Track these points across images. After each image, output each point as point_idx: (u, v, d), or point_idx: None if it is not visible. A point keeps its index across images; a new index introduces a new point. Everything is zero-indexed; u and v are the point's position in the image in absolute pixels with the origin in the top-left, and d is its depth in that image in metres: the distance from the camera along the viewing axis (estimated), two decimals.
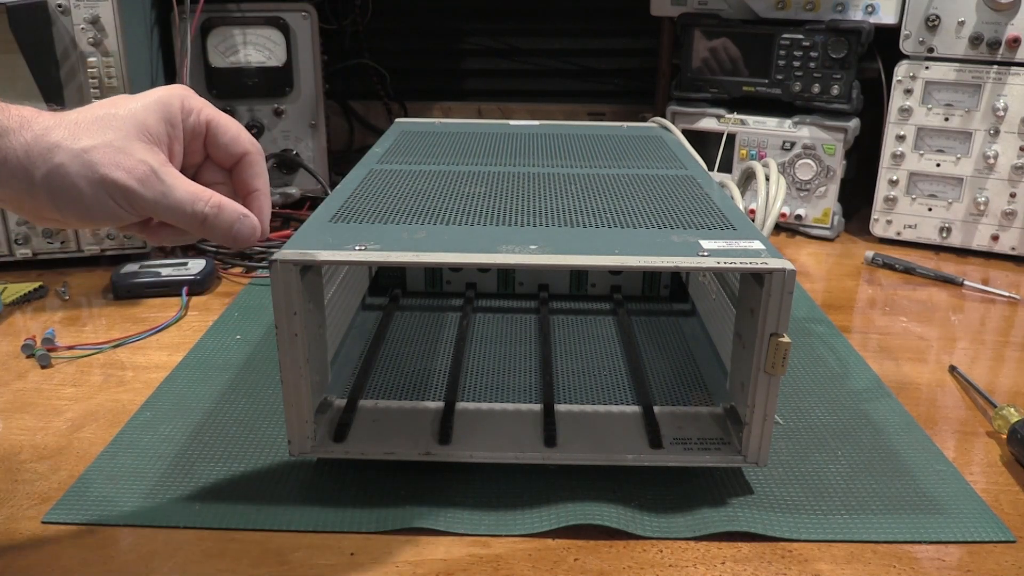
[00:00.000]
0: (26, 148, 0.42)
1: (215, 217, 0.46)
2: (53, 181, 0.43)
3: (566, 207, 0.63)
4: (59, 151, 0.42)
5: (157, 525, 0.54)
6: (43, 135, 0.43)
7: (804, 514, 0.56)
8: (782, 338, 0.52)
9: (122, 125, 0.44)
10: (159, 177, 0.44)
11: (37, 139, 0.42)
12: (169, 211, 0.45)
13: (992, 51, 1.00)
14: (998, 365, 0.79)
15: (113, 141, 0.43)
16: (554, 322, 0.83)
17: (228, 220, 0.47)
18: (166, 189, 0.44)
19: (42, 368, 0.76)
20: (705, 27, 1.14)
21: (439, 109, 1.50)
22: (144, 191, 0.44)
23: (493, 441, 0.58)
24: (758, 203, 0.74)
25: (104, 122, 0.44)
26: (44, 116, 0.44)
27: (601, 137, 0.90)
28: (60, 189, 0.43)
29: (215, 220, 0.46)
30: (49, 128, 0.43)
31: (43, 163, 0.42)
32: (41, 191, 0.43)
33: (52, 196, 0.43)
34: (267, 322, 0.85)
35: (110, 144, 0.43)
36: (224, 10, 1.11)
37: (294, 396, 0.55)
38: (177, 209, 0.45)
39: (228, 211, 0.47)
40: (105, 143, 0.43)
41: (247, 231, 0.48)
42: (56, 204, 0.43)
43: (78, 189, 0.43)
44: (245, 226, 0.48)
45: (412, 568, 0.51)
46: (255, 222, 0.48)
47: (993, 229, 1.06)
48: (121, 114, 0.45)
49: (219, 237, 0.47)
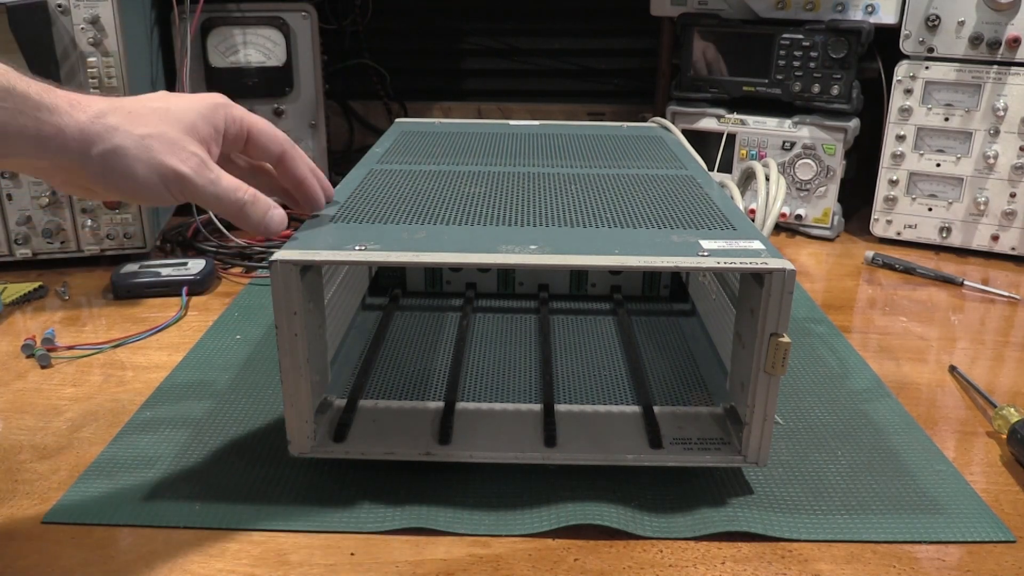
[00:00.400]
0: (80, 127, 0.47)
1: (251, 205, 0.53)
2: (110, 160, 0.48)
3: (566, 207, 0.63)
4: (118, 134, 0.48)
5: (157, 525, 0.54)
6: (99, 117, 0.48)
7: (804, 514, 0.56)
8: (782, 338, 0.52)
9: (176, 121, 0.50)
10: (208, 168, 0.51)
11: (93, 121, 0.48)
12: (215, 198, 0.51)
13: (992, 51, 1.00)
14: (998, 365, 0.79)
15: (168, 132, 0.50)
16: (554, 322, 0.83)
17: (262, 209, 0.54)
18: (214, 178, 0.51)
19: (42, 368, 0.76)
20: (705, 27, 1.14)
21: (439, 109, 1.50)
22: (196, 178, 0.50)
23: (493, 441, 0.58)
24: (758, 203, 0.74)
25: (160, 115, 0.50)
26: (95, 100, 0.49)
27: (601, 137, 0.90)
28: (115, 168, 0.48)
29: (251, 208, 0.53)
30: (105, 111, 0.48)
31: (100, 142, 0.48)
32: (94, 167, 0.48)
33: (105, 173, 0.48)
34: (267, 322, 0.85)
35: (165, 135, 0.49)
36: (224, 10, 1.11)
37: (294, 396, 0.55)
38: (223, 196, 0.51)
39: (262, 201, 0.54)
40: (161, 133, 0.49)
41: (278, 219, 0.54)
42: (106, 180, 0.49)
43: (133, 170, 0.48)
44: (276, 216, 0.54)
45: (412, 568, 0.51)
46: (284, 214, 0.55)
47: (993, 229, 1.06)
48: (174, 111, 0.51)
49: (253, 223, 0.53)
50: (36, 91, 0.46)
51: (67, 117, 0.47)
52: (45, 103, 0.46)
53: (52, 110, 0.46)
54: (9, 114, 0.45)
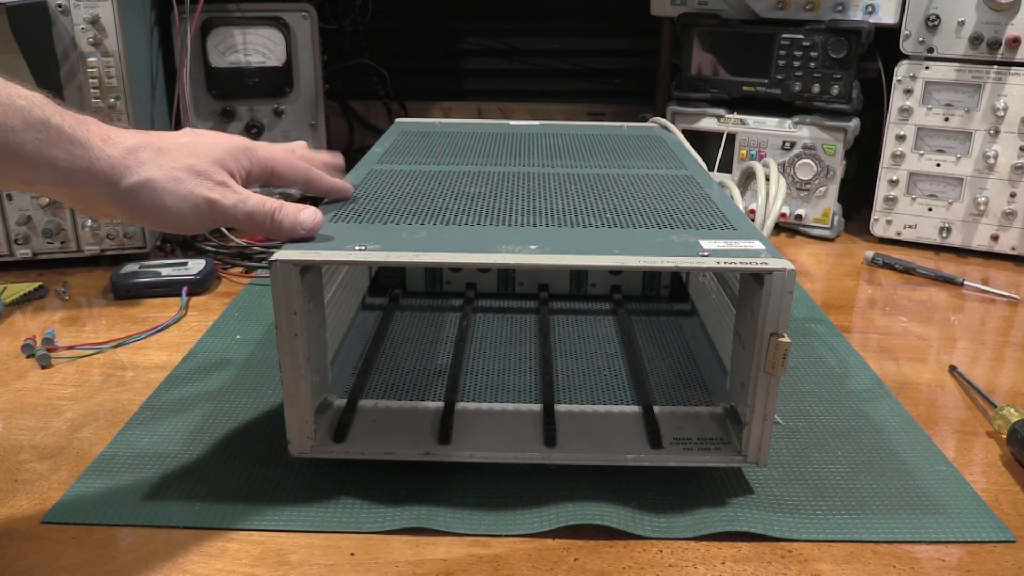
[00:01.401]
0: (112, 161, 0.50)
1: (281, 211, 0.55)
2: (140, 192, 0.50)
3: (566, 207, 0.63)
4: (147, 167, 0.51)
5: (157, 525, 0.54)
6: (131, 153, 0.50)
7: (804, 514, 0.56)
8: (782, 338, 0.52)
9: (203, 154, 0.54)
10: (235, 190, 0.54)
11: (124, 156, 0.50)
12: (246, 215, 0.54)
13: (992, 51, 1.00)
14: (998, 365, 0.79)
15: (196, 164, 0.53)
16: (554, 322, 0.83)
17: (293, 211, 0.56)
18: (243, 197, 0.54)
19: (42, 368, 0.76)
20: (705, 27, 1.14)
21: (439, 109, 1.50)
22: (225, 200, 0.53)
23: (493, 441, 0.58)
24: (758, 203, 0.74)
25: (188, 149, 0.53)
26: (127, 134, 0.51)
27: (601, 137, 0.90)
28: (145, 200, 0.51)
29: (283, 214, 0.55)
30: (136, 147, 0.51)
31: (131, 175, 0.50)
32: (124, 199, 0.50)
33: (135, 205, 0.51)
34: (267, 322, 0.85)
35: (194, 167, 0.53)
36: (224, 10, 1.11)
37: (294, 396, 0.55)
38: (253, 210, 0.54)
39: (289, 206, 0.56)
40: (189, 166, 0.52)
41: (310, 217, 0.56)
42: (135, 211, 0.51)
43: (163, 202, 0.51)
44: (308, 214, 0.56)
45: (412, 568, 0.51)
46: (316, 211, 0.57)
47: (993, 229, 1.06)
48: (202, 146, 0.54)
49: (288, 229, 0.55)
50: (70, 124, 0.48)
51: (99, 151, 0.49)
52: (79, 137, 0.48)
53: (84, 144, 0.48)
54: (42, 145, 0.47)
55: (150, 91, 1.05)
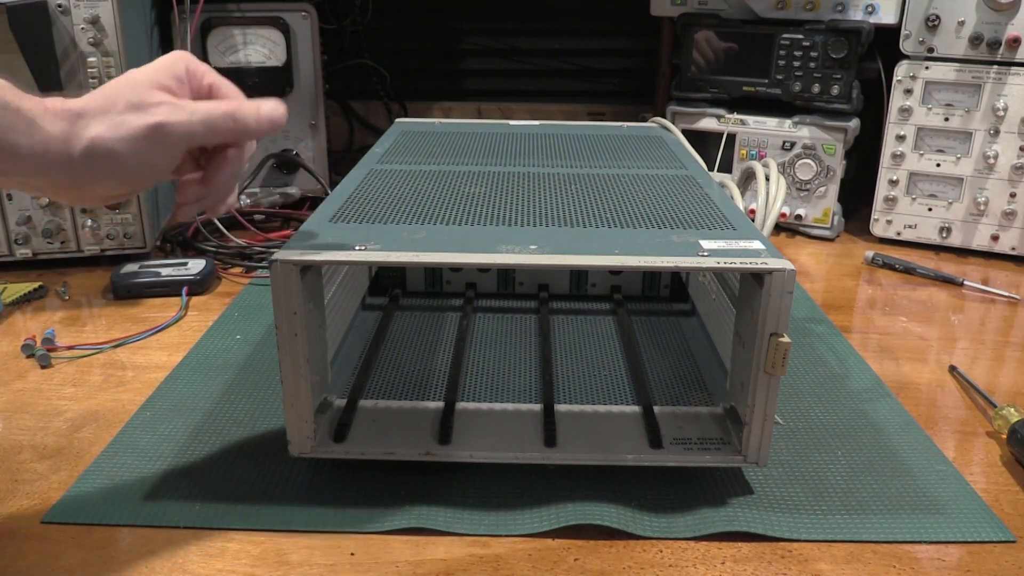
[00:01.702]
0: (63, 136, 0.46)
1: (240, 108, 0.50)
2: (91, 154, 0.46)
3: (566, 207, 0.63)
4: (91, 125, 0.46)
5: (157, 525, 0.54)
6: (79, 119, 0.46)
7: (804, 514, 0.56)
8: (782, 338, 0.52)
9: (137, 84, 0.49)
10: (180, 105, 0.49)
11: (72, 125, 0.46)
12: (202, 124, 0.49)
13: (992, 51, 1.00)
14: (998, 365, 0.79)
15: (131, 98, 0.48)
16: (554, 322, 0.83)
17: (252, 107, 0.51)
18: (192, 108, 0.49)
19: (42, 368, 0.76)
20: (705, 27, 1.14)
21: (439, 109, 1.50)
22: (173, 118, 0.48)
23: (493, 441, 0.58)
24: (758, 203, 0.74)
25: (119, 87, 0.49)
26: (76, 102, 0.47)
27: (601, 137, 0.90)
28: (99, 161, 0.46)
29: (243, 110, 0.51)
30: (82, 112, 0.47)
31: (78, 140, 0.46)
32: (82, 169, 0.46)
33: (93, 169, 0.47)
34: (267, 322, 0.85)
35: (130, 101, 0.48)
36: (224, 10, 1.11)
37: (294, 396, 0.55)
38: (208, 118, 0.49)
39: (248, 103, 0.51)
40: (126, 102, 0.48)
41: (272, 107, 0.52)
42: (97, 176, 0.47)
43: (115, 153, 0.47)
44: (267, 106, 0.52)
45: (412, 568, 0.51)
46: (276, 101, 0.52)
47: (993, 229, 1.06)
48: (134, 77, 0.49)
49: (253, 123, 0.51)
50: (29, 107, 0.45)
51: (51, 128, 0.46)
52: (36, 119, 0.45)
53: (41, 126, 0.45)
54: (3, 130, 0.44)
55: None
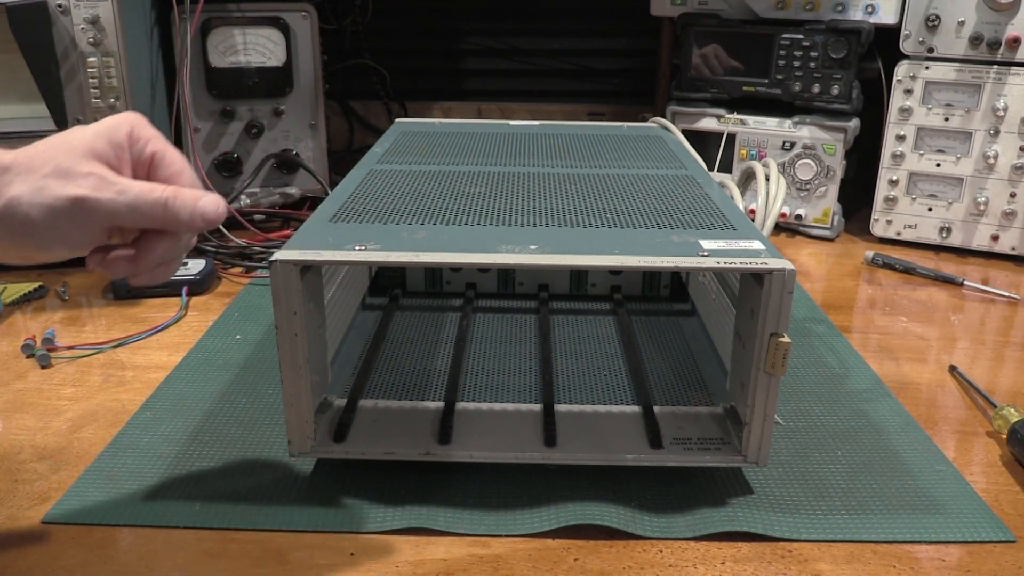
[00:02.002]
0: None
1: (175, 198, 0.46)
2: (7, 216, 0.43)
3: (566, 207, 0.63)
4: (12, 185, 0.43)
5: (157, 525, 0.54)
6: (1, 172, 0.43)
7: (804, 514, 0.56)
8: (782, 338, 0.52)
9: (70, 148, 0.45)
10: (110, 181, 0.45)
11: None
12: (129, 207, 0.45)
13: (992, 51, 1.00)
14: (998, 365, 0.79)
15: (61, 163, 0.44)
16: (554, 322, 0.83)
17: (190, 198, 0.47)
18: (121, 188, 0.45)
19: (42, 368, 0.76)
20: (705, 27, 1.14)
21: (439, 109, 1.50)
22: (99, 195, 0.44)
23: (493, 441, 0.58)
24: (758, 203, 0.74)
25: (54, 149, 0.45)
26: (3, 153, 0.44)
27: (601, 137, 0.90)
28: (14, 223, 0.43)
29: (177, 201, 0.46)
30: (6, 167, 0.43)
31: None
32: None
33: (10, 232, 0.43)
34: (267, 322, 0.85)
35: (58, 166, 0.44)
36: (224, 10, 1.11)
37: (294, 396, 0.55)
38: (136, 201, 0.45)
39: (186, 192, 0.47)
40: (54, 166, 0.44)
41: (212, 206, 0.47)
42: (12, 240, 0.44)
43: (30, 219, 0.43)
44: (209, 202, 0.47)
45: (412, 568, 0.51)
46: (218, 199, 0.48)
47: (993, 229, 1.06)
48: (70, 139, 0.45)
49: (186, 219, 0.46)
50: None
51: None
52: None
53: None
54: None
55: (150, 91, 1.05)
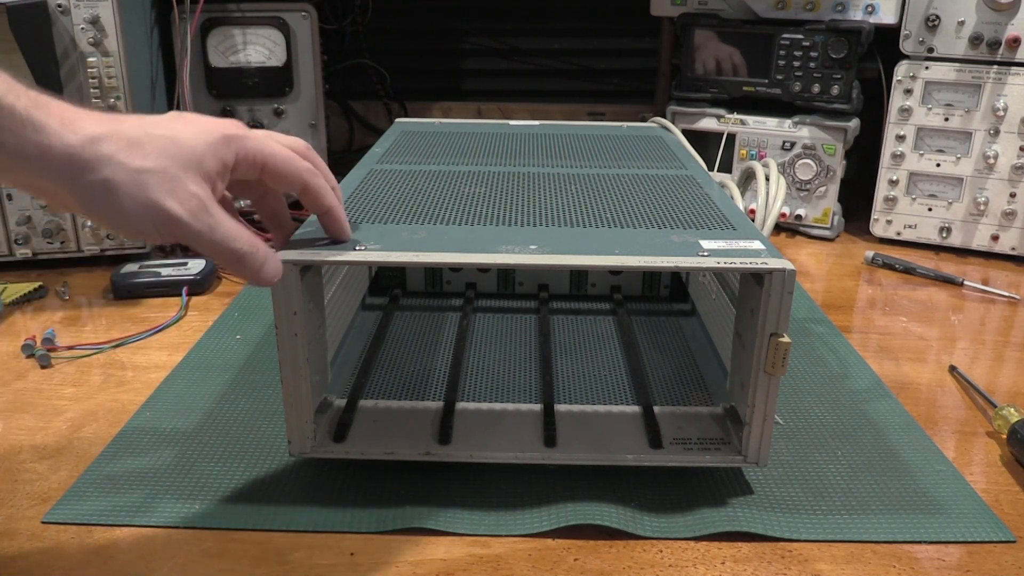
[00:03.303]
0: (70, 151, 0.42)
1: (249, 257, 0.48)
2: (97, 191, 0.43)
3: (566, 207, 0.63)
4: (110, 165, 0.43)
5: (157, 525, 0.54)
6: (92, 143, 0.43)
7: (804, 514, 0.56)
8: (782, 338, 0.52)
9: (180, 155, 0.45)
10: (209, 212, 0.46)
11: (84, 146, 0.43)
12: (211, 244, 0.46)
13: (992, 51, 1.00)
14: (998, 365, 0.79)
15: (168, 168, 0.44)
16: (554, 322, 0.83)
17: (259, 262, 0.48)
18: (214, 224, 0.46)
19: (42, 368, 0.76)
20: (705, 27, 1.14)
21: (439, 109, 1.50)
22: (193, 223, 0.45)
23: (493, 441, 0.58)
24: (758, 203, 0.74)
25: (163, 145, 0.45)
26: (92, 118, 0.44)
27: (601, 137, 0.90)
28: (103, 200, 0.43)
29: (248, 259, 0.48)
30: (100, 137, 0.43)
31: (90, 171, 0.43)
32: (82, 195, 0.43)
33: (93, 203, 0.44)
34: (267, 322, 0.85)
35: (166, 171, 0.44)
36: (224, 10, 1.11)
37: (294, 396, 0.55)
38: (219, 244, 0.46)
39: (260, 253, 0.48)
40: (161, 169, 0.44)
41: (271, 272, 0.49)
42: (93, 211, 0.44)
43: (122, 206, 0.44)
44: (270, 269, 0.49)
45: (412, 568, 0.51)
46: (278, 266, 0.50)
47: (993, 229, 1.06)
48: (181, 142, 0.46)
49: (247, 275, 0.49)
50: (24, 105, 0.42)
51: (55, 137, 0.42)
52: (34, 119, 0.42)
53: (39, 128, 0.42)
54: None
55: (150, 91, 1.05)
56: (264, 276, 0.49)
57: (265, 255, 0.49)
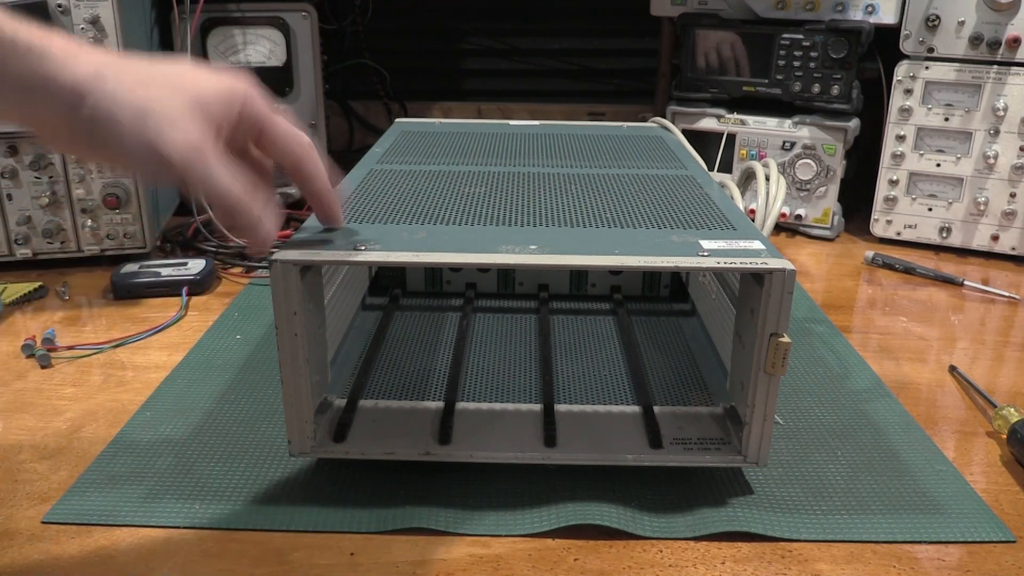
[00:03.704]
0: (75, 80, 0.42)
1: (243, 209, 0.46)
2: (99, 122, 0.42)
3: (566, 207, 0.63)
4: (114, 95, 0.43)
5: (157, 525, 0.54)
6: (98, 73, 0.43)
7: (804, 514, 0.56)
8: (782, 338, 0.52)
9: (186, 94, 0.44)
10: (206, 153, 0.44)
11: (89, 76, 0.42)
12: (206, 188, 0.45)
13: (992, 51, 1.00)
14: (998, 365, 0.79)
15: (171, 101, 0.44)
16: (554, 322, 0.83)
17: (254, 216, 0.47)
18: (210, 165, 0.44)
19: (42, 368, 0.76)
20: (705, 27, 1.14)
21: (439, 109, 1.50)
22: (190, 161, 0.44)
23: (493, 441, 0.58)
24: (758, 203, 0.74)
25: (169, 79, 0.44)
26: (96, 53, 0.43)
27: (601, 137, 0.90)
28: (103, 131, 0.43)
29: (242, 212, 0.46)
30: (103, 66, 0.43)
31: (93, 101, 0.42)
32: (81, 125, 0.43)
33: (92, 134, 0.43)
34: (267, 322, 0.85)
35: (168, 104, 0.43)
36: (224, 10, 1.11)
37: (294, 396, 0.55)
38: (213, 188, 0.45)
39: (257, 209, 0.47)
40: (165, 104, 0.43)
41: (264, 232, 0.47)
42: (91, 142, 0.43)
43: (121, 137, 0.43)
44: (263, 228, 0.47)
45: (412, 568, 0.51)
46: (272, 233, 0.48)
47: (993, 229, 1.06)
48: (189, 79, 0.45)
49: (247, 230, 0.47)
50: (26, 35, 0.41)
51: (60, 67, 0.42)
52: (36, 47, 0.41)
53: (43, 56, 0.41)
54: None
55: None
56: (258, 234, 0.47)
57: (261, 212, 0.47)
